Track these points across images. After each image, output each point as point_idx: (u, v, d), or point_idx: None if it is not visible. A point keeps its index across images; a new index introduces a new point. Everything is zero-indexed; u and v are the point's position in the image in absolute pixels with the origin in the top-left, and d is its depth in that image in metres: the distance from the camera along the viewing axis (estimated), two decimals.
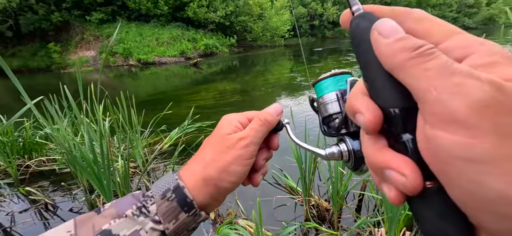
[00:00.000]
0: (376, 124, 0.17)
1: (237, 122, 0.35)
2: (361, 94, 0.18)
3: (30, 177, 2.42)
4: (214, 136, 0.35)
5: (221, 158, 0.32)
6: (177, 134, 3.00)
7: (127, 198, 0.31)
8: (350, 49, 14.35)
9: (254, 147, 0.33)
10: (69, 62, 15.59)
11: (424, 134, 0.14)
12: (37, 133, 2.68)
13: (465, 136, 0.12)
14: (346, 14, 0.20)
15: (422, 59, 0.14)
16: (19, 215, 1.95)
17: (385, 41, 0.16)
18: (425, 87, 0.14)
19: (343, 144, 0.29)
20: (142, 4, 17.28)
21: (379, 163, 0.17)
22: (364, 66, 0.18)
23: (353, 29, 0.19)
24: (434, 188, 0.15)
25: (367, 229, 1.51)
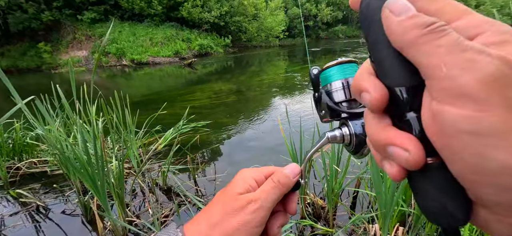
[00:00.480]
0: (382, 102, 0.17)
1: (252, 180, 0.33)
2: (367, 74, 0.19)
3: (21, 179, 2.36)
4: (226, 193, 0.33)
5: (227, 222, 0.30)
6: (172, 134, 2.98)
7: None
8: (344, 50, 14.50)
9: (265, 212, 0.30)
10: (60, 62, 15.27)
11: (430, 110, 0.15)
12: (27, 134, 2.62)
13: (474, 110, 0.13)
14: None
15: (433, 36, 0.14)
16: (9, 218, 1.90)
17: (397, 19, 0.16)
18: (436, 63, 0.14)
19: (345, 127, 0.29)
20: (135, 4, 17.08)
21: (382, 140, 0.18)
22: (373, 46, 0.18)
23: (363, 9, 0.19)
24: (435, 163, 0.16)
25: (362, 226, 1.53)
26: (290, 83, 6.72)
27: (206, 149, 2.97)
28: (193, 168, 2.32)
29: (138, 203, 2.00)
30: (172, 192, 2.12)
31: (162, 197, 2.06)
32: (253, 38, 22.49)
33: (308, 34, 28.98)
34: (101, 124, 2.36)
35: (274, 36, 23.63)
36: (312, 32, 29.32)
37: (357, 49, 14.20)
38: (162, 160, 2.58)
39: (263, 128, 3.58)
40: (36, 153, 2.68)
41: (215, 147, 3.03)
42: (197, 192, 2.13)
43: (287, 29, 25.67)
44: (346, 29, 30.20)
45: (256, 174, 0.34)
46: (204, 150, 2.93)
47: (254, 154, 2.81)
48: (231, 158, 2.79)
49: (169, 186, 2.18)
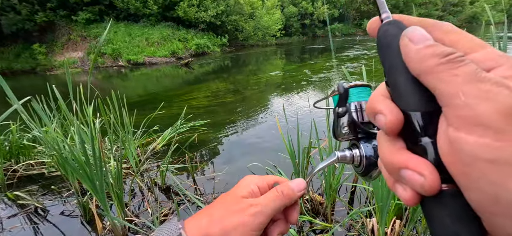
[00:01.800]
0: (397, 125, 0.18)
1: (255, 186, 0.34)
2: (382, 97, 0.19)
3: (18, 181, 2.35)
4: (228, 195, 0.34)
5: (226, 220, 0.31)
6: (170, 134, 2.98)
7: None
8: (340, 48, 14.56)
9: (264, 218, 0.31)
10: (55, 63, 15.12)
11: (447, 136, 0.15)
12: (24, 136, 2.60)
13: (493, 139, 0.13)
14: (374, 21, 0.21)
15: (452, 65, 0.15)
16: (7, 220, 1.89)
17: (416, 47, 0.17)
18: (453, 92, 0.14)
19: (356, 149, 0.30)
20: (131, 4, 16.94)
21: (396, 163, 0.18)
22: (389, 70, 0.19)
23: (381, 35, 0.20)
24: (451, 190, 0.16)
25: (360, 220, 1.55)
26: (287, 82, 6.74)
27: (205, 148, 2.97)
28: (191, 167, 2.33)
29: (137, 203, 2.00)
30: (171, 191, 2.12)
31: (161, 197, 2.06)
32: (250, 37, 22.46)
33: (304, 32, 29.01)
34: (98, 125, 2.35)
35: (271, 35, 23.62)
36: (308, 30, 29.35)
37: (353, 47, 14.26)
38: (160, 160, 2.58)
39: (260, 126, 3.59)
40: (33, 154, 2.66)
41: (213, 146, 3.04)
42: (196, 190, 2.14)
43: (284, 27, 25.67)
44: (342, 27, 30.28)
45: (259, 181, 0.35)
46: (203, 149, 2.94)
47: (252, 152, 2.83)
48: (230, 156, 2.79)
49: (168, 185, 2.19)
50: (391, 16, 0.20)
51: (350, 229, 1.58)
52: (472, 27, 25.88)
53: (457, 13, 32.62)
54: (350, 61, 9.17)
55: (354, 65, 8.22)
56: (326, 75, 7.09)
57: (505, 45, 1.28)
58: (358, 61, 8.90)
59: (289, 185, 0.34)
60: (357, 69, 7.24)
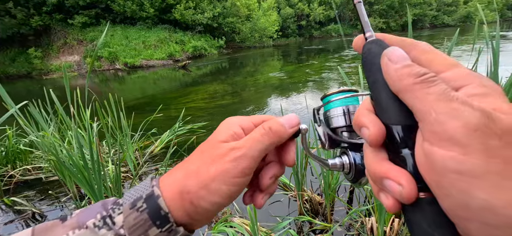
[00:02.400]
0: (380, 138, 0.19)
1: (238, 127, 0.29)
2: (367, 111, 0.20)
3: (15, 187, 2.33)
4: (207, 141, 0.30)
5: (204, 171, 0.26)
6: (168, 136, 2.97)
7: (96, 205, 0.26)
8: (336, 49, 14.65)
9: (248, 162, 0.27)
10: (52, 67, 15.01)
11: (422, 149, 0.16)
12: (20, 141, 2.58)
13: (458, 153, 0.14)
14: (359, 39, 0.23)
15: (425, 84, 0.17)
16: (4, 227, 1.87)
17: (394, 66, 0.18)
18: (426, 109, 0.16)
19: (345, 156, 0.30)
20: (127, 7, 16.91)
21: (379, 173, 0.19)
22: (373, 85, 0.20)
23: (365, 53, 0.21)
24: (427, 199, 0.17)
25: (359, 220, 1.56)
26: (284, 83, 6.76)
27: None
28: None
29: None
30: None
31: None
32: (247, 38, 22.51)
33: (301, 33, 29.14)
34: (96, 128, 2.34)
35: (268, 36, 23.69)
36: (305, 31, 29.48)
37: (350, 47, 14.35)
38: (159, 163, 2.57)
39: None
40: (30, 159, 2.64)
41: None
42: None
43: (281, 29, 25.76)
44: (338, 28, 30.48)
45: (244, 122, 0.30)
46: None
47: None
48: None
49: None
50: (374, 35, 0.22)
51: (350, 229, 1.59)
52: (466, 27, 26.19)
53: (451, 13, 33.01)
54: (347, 61, 9.23)
55: (351, 65, 8.28)
56: (323, 76, 7.12)
57: (497, 44, 1.30)
58: (355, 61, 8.97)
59: (278, 120, 0.29)
60: (354, 69, 7.29)
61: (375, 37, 0.22)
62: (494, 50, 1.28)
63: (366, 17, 0.23)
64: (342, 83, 5.94)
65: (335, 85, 5.97)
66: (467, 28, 22.96)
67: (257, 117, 0.31)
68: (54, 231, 0.24)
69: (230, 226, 1.44)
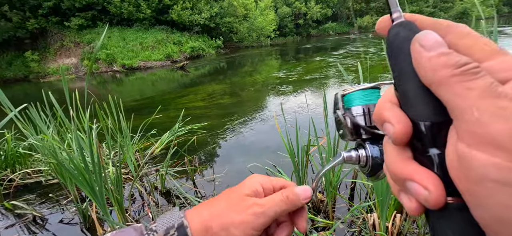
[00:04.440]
0: (405, 136, 0.17)
1: (260, 186, 0.34)
2: (390, 103, 0.18)
3: (15, 191, 2.31)
4: (233, 191, 0.34)
5: (227, 215, 0.31)
6: (168, 137, 2.97)
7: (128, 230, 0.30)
8: (335, 47, 14.68)
9: (266, 219, 0.31)
10: (49, 70, 14.94)
11: (457, 151, 0.14)
12: (19, 144, 2.56)
13: (505, 160, 0.12)
14: (384, 20, 0.20)
15: (466, 77, 0.14)
16: (5, 231, 1.86)
17: (428, 54, 0.16)
18: (466, 106, 0.14)
19: (362, 149, 0.29)
20: (124, 8, 16.85)
21: (402, 174, 0.17)
22: (399, 75, 0.18)
23: (391, 37, 0.18)
24: (456, 205, 0.15)
25: (361, 216, 1.57)
26: (283, 82, 6.76)
27: (203, 150, 2.97)
28: (191, 169, 2.32)
29: (138, 208, 1.99)
30: (171, 194, 2.11)
31: (162, 200, 2.05)
32: (245, 38, 22.51)
33: (298, 32, 29.17)
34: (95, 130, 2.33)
35: (266, 36, 23.70)
36: (302, 30, 29.52)
37: (347, 45, 14.38)
38: (159, 164, 2.56)
39: (259, 126, 3.60)
40: (30, 163, 2.62)
41: (212, 148, 3.04)
42: (197, 193, 2.13)
43: (278, 28, 25.78)
44: (336, 26, 30.54)
45: (264, 181, 0.34)
46: (202, 151, 2.93)
47: (252, 152, 2.83)
48: (229, 157, 2.79)
49: (168, 189, 2.18)
50: (403, 16, 0.19)
51: (352, 225, 1.59)
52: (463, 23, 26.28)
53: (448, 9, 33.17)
54: (346, 59, 9.25)
55: (350, 62, 8.30)
56: (322, 74, 7.14)
57: (495, 40, 1.31)
58: (353, 59, 8.99)
59: (295, 191, 0.33)
60: (353, 66, 7.31)
61: (404, 19, 0.19)
62: None
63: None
64: (341, 82, 5.95)
65: (335, 83, 5.99)
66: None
67: (277, 180, 0.35)
68: None
69: None
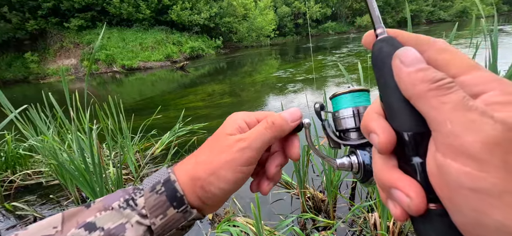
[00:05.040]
0: (389, 145, 0.18)
1: (243, 122, 0.32)
2: (376, 115, 0.19)
3: (15, 192, 2.31)
4: (215, 134, 0.32)
5: (213, 159, 0.29)
6: (169, 137, 2.97)
7: (118, 192, 0.29)
8: (335, 46, 14.68)
9: (253, 153, 0.29)
10: (49, 71, 14.94)
11: (435, 161, 0.15)
12: (19, 146, 2.56)
13: (475, 169, 0.13)
14: (369, 35, 0.21)
15: (440, 92, 0.15)
16: (6, 232, 1.86)
17: (407, 69, 0.17)
18: (441, 119, 0.15)
19: (354, 156, 0.29)
20: (123, 9, 16.85)
21: (387, 181, 0.18)
22: (383, 88, 0.19)
23: (375, 52, 0.20)
24: (438, 211, 0.16)
25: (362, 215, 1.57)
26: (283, 81, 6.76)
27: None
28: None
29: None
30: None
31: None
32: (244, 38, 22.51)
33: (298, 31, 29.18)
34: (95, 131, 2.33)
35: (265, 36, 23.71)
36: (302, 29, 29.53)
37: (347, 45, 14.39)
38: (160, 164, 2.56)
39: None
40: (30, 164, 2.62)
41: None
42: None
43: (278, 28, 25.78)
44: (335, 25, 30.54)
45: (248, 117, 0.32)
46: None
47: None
48: None
49: None
50: (386, 32, 0.20)
51: (353, 225, 1.59)
52: (462, 22, 26.34)
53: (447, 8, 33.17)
54: (345, 58, 9.25)
55: (351, 60, 8.30)
56: (322, 73, 7.14)
57: (496, 37, 1.31)
58: (353, 58, 9.00)
59: (281, 115, 0.31)
60: (353, 65, 7.31)
61: (386, 34, 0.20)
62: (493, 44, 1.28)
63: (377, 11, 0.21)
64: (340, 82, 5.95)
65: (334, 81, 5.99)
66: (464, 23, 23.09)
67: (261, 113, 0.33)
68: (82, 214, 0.27)
69: (234, 225, 1.44)
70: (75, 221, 0.26)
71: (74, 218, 0.27)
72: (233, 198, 1.94)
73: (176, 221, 0.28)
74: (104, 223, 0.26)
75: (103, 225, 0.26)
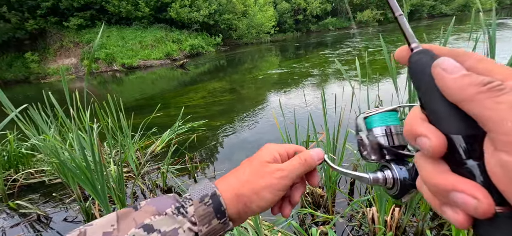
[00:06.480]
0: (442, 148, 0.18)
1: (277, 153, 0.38)
2: (421, 120, 0.19)
3: (19, 191, 2.34)
4: (254, 160, 0.37)
5: (256, 181, 0.34)
6: (169, 135, 2.99)
7: (163, 198, 0.33)
8: (334, 43, 14.61)
9: (288, 182, 0.35)
10: (49, 71, 14.96)
11: (497, 160, 0.15)
12: (22, 145, 2.59)
13: None
14: (403, 50, 0.22)
15: (493, 93, 0.16)
16: (10, 230, 1.89)
17: (451, 76, 0.17)
18: (498, 119, 0.15)
19: (388, 170, 0.29)
20: (122, 7, 16.79)
21: (444, 185, 0.18)
22: (425, 95, 0.19)
23: (413, 63, 0.21)
24: (506, 213, 0.16)
25: (360, 210, 1.58)
26: (283, 78, 6.75)
27: (204, 147, 2.99)
28: (192, 167, 2.34)
29: None
30: (173, 192, 2.13)
31: None
32: (244, 35, 22.42)
33: (298, 28, 29.01)
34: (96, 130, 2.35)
35: (265, 32, 23.60)
36: (302, 26, 29.36)
37: (348, 40, 14.31)
38: (160, 162, 2.58)
39: (259, 122, 3.61)
40: (33, 163, 2.65)
41: (213, 145, 3.05)
42: None
43: (278, 24, 25.65)
44: (336, 21, 30.35)
45: (279, 149, 0.38)
46: (202, 149, 2.95)
47: (252, 148, 2.85)
48: (230, 154, 2.81)
49: (169, 186, 2.20)
50: (421, 46, 0.22)
51: (351, 220, 1.61)
52: (464, 15, 26.09)
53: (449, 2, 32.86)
54: (346, 55, 9.21)
55: (351, 58, 8.27)
56: (321, 70, 7.12)
57: (494, 32, 1.31)
58: (353, 55, 8.96)
59: (310, 154, 0.38)
60: (352, 62, 7.29)
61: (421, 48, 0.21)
62: (491, 38, 1.28)
63: (410, 29, 0.22)
64: (340, 78, 5.93)
65: (334, 79, 5.97)
66: (465, 17, 22.88)
67: (289, 146, 0.39)
68: (135, 216, 0.30)
69: None
70: (131, 220, 0.30)
71: (129, 216, 0.30)
72: None
73: (217, 230, 0.32)
74: (160, 226, 0.29)
75: (160, 228, 0.29)
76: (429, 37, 7.47)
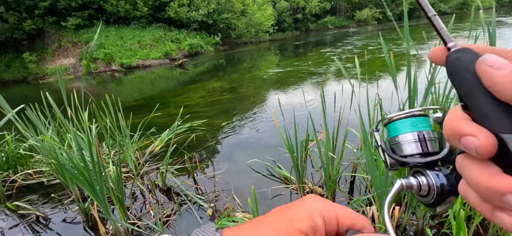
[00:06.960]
0: (492, 147, 0.17)
1: (321, 219, 0.27)
2: (465, 119, 0.18)
3: (17, 192, 2.33)
4: (285, 218, 0.28)
5: None
6: (168, 135, 2.98)
7: None
8: (334, 41, 14.60)
9: None
10: (47, 71, 14.91)
11: None
12: (20, 146, 2.57)
13: None
14: (439, 50, 0.22)
15: None
16: (9, 231, 1.88)
17: (500, 72, 0.16)
18: None
19: (423, 177, 0.27)
20: (120, 6, 16.73)
21: (498, 188, 0.17)
22: (468, 94, 0.18)
23: (452, 61, 0.20)
24: None
25: (360, 209, 1.58)
26: (282, 77, 6.75)
27: (203, 147, 2.98)
28: (191, 167, 2.33)
29: (139, 206, 2.01)
30: (172, 192, 2.13)
31: (163, 198, 2.07)
32: (243, 34, 22.38)
33: (297, 27, 28.98)
34: (94, 130, 2.34)
35: (264, 31, 23.56)
36: (301, 24, 29.31)
37: (347, 39, 14.30)
38: (159, 162, 2.58)
39: (258, 122, 3.61)
40: (31, 164, 2.64)
41: (212, 145, 3.05)
42: (197, 190, 2.15)
43: (277, 23, 25.61)
44: (335, 20, 30.32)
45: (327, 212, 0.28)
46: (201, 148, 2.94)
47: (251, 148, 2.84)
48: (229, 154, 2.81)
49: (168, 186, 2.19)
50: (459, 45, 0.21)
51: None
52: (463, 13, 26.12)
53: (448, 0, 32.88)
54: (346, 53, 9.21)
55: (350, 56, 8.27)
56: (321, 69, 7.12)
57: (494, 29, 1.30)
58: (353, 53, 8.95)
59: None
60: (351, 61, 7.29)
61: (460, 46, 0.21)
62: (491, 36, 1.28)
63: (445, 28, 0.22)
64: (339, 77, 5.93)
65: (334, 78, 5.97)
66: (464, 15, 22.90)
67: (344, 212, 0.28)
68: None
69: (233, 221, 1.46)
70: None
71: None
72: (233, 194, 1.95)
73: None
74: None
75: None
76: (429, 35, 7.47)
